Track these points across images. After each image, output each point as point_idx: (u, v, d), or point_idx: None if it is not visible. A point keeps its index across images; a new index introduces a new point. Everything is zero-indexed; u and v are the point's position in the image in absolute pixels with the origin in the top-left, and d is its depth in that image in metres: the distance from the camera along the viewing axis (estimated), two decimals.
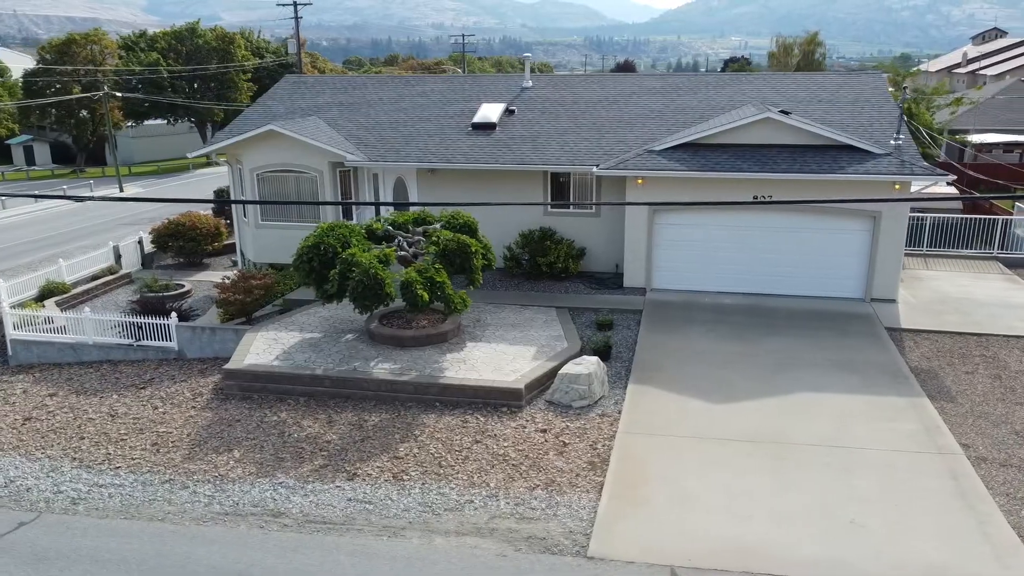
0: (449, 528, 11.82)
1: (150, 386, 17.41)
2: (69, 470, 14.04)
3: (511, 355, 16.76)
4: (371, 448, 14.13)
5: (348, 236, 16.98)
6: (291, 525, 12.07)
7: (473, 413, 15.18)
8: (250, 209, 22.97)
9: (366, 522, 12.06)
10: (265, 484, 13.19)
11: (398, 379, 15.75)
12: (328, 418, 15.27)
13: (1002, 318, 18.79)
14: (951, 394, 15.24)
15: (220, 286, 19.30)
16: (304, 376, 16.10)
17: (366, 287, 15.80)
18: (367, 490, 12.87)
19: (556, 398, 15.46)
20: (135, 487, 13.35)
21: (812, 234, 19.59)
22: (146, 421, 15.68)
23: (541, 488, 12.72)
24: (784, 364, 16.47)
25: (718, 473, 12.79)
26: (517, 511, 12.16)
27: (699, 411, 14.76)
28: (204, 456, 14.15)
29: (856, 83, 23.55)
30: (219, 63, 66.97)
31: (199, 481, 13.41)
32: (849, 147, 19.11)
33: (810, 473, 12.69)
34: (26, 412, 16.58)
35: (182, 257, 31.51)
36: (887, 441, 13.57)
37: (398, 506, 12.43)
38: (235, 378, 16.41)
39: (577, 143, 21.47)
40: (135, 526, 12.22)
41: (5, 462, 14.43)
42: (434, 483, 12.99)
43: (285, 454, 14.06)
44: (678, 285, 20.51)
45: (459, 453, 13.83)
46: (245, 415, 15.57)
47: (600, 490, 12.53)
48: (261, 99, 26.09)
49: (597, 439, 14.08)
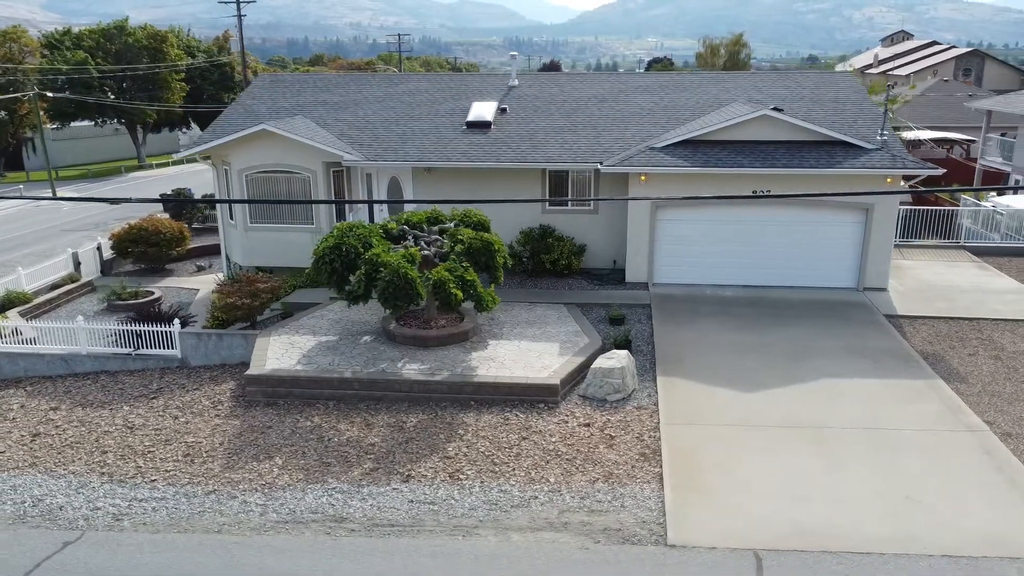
0: (522, 524, 11.84)
1: (161, 396, 16.77)
2: (99, 486, 13.42)
3: (536, 352, 16.84)
4: (418, 449, 13.99)
5: (368, 236, 16.73)
6: (358, 530, 11.87)
7: (511, 410, 15.19)
8: (238, 211, 22.33)
9: (435, 523, 11.96)
10: (318, 490, 12.91)
11: (431, 379, 15.63)
12: (364, 421, 15.04)
13: (985, 303, 19.90)
14: (961, 375, 16.08)
15: (221, 290, 18.72)
16: (332, 379, 15.80)
17: (397, 287, 15.61)
18: (426, 491, 12.76)
19: (590, 392, 15.62)
20: (178, 499, 12.87)
21: (808, 227, 20.32)
22: (169, 432, 15.11)
23: (601, 481, 12.85)
24: (800, 352, 17.06)
25: (767, 459, 13.18)
26: (584, 504, 12.26)
27: (732, 400, 15.16)
28: (244, 465, 13.74)
29: (833, 82, 24.53)
30: (150, 62, 64.57)
31: (246, 490, 13.02)
32: (842, 143, 19.91)
33: (854, 455, 13.21)
34: (31, 428, 15.74)
35: (144, 263, 30.45)
36: (916, 421, 14.24)
37: (463, 505, 12.37)
38: (258, 384, 15.97)
39: (576, 140, 21.68)
40: (192, 539, 11.80)
41: (27, 480, 13.69)
42: (492, 481, 12.97)
43: (330, 459, 13.78)
44: (679, 279, 20.96)
45: (509, 450, 13.84)
46: (276, 421, 15.18)
47: (659, 480, 12.75)
48: (240, 98, 25.37)
49: (642, 431, 14.30)
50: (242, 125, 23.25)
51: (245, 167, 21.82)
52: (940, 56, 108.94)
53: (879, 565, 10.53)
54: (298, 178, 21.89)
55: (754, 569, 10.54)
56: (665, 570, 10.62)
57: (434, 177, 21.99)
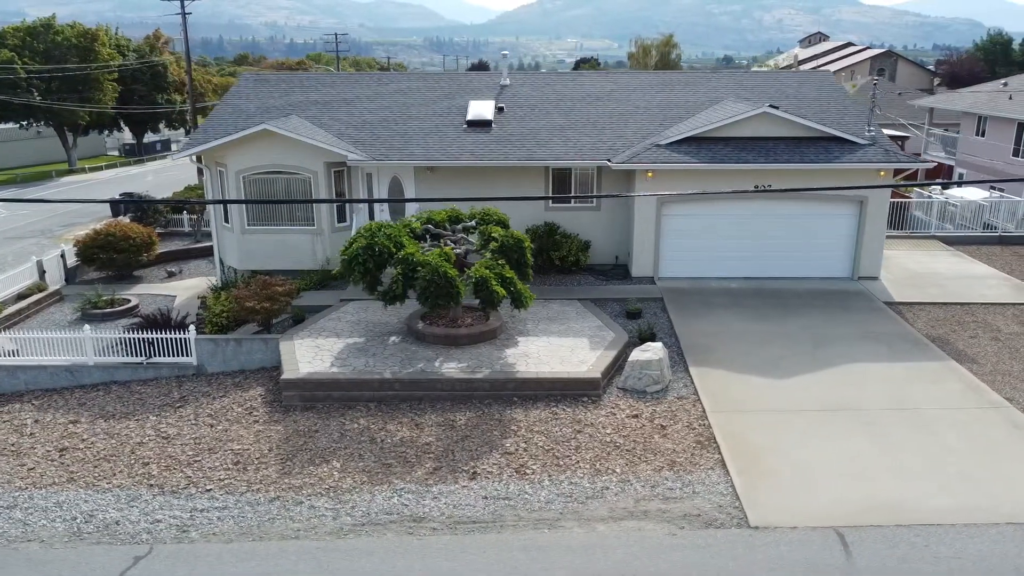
0: (602, 515, 12.03)
1: (187, 404, 16.27)
2: (151, 498, 12.98)
3: (568, 347, 17.04)
4: (475, 447, 14.01)
5: (398, 236, 16.62)
6: (440, 529, 11.85)
7: (556, 405, 15.36)
8: (235, 214, 21.77)
9: (516, 517, 12.04)
10: (386, 491, 12.81)
11: (473, 377, 15.66)
12: (412, 421, 14.95)
13: (972, 288, 21.09)
14: (970, 356, 17.04)
15: (239, 294, 18.25)
16: (373, 381, 15.64)
17: (439, 287, 15.58)
18: (497, 487, 12.81)
19: (629, 384, 15.92)
20: (242, 507, 12.57)
21: (805, 220, 21.12)
22: (210, 440, 14.70)
23: (666, 469, 13.16)
24: (818, 339, 17.76)
25: (818, 441, 13.73)
26: (656, 493, 12.54)
27: (767, 387, 15.70)
28: (302, 470, 13.50)
29: (815, 81, 25.54)
30: (80, 62, 61.86)
31: (311, 495, 12.81)
32: (836, 138, 20.78)
33: (897, 434, 13.89)
34: (55, 443, 15.06)
35: (111, 270, 29.40)
36: (943, 401, 15.05)
37: (538, 499, 12.48)
38: (296, 388, 15.68)
39: (579, 138, 21.97)
40: (270, 547, 11.57)
41: (70, 496, 13.13)
42: (560, 474, 13.12)
43: (390, 460, 13.68)
44: (684, 273, 21.48)
45: (567, 444, 14.01)
46: (321, 425, 14.95)
47: (722, 466, 13.14)
48: (226, 98, 24.69)
49: (690, 420, 14.68)
50: (235, 125, 22.69)
51: (243, 168, 21.30)
52: (856, 57, 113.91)
53: (953, 535, 11.15)
54: (298, 179, 21.49)
55: (840, 545, 11.01)
56: (756, 551, 10.98)
57: (437, 176, 21.93)
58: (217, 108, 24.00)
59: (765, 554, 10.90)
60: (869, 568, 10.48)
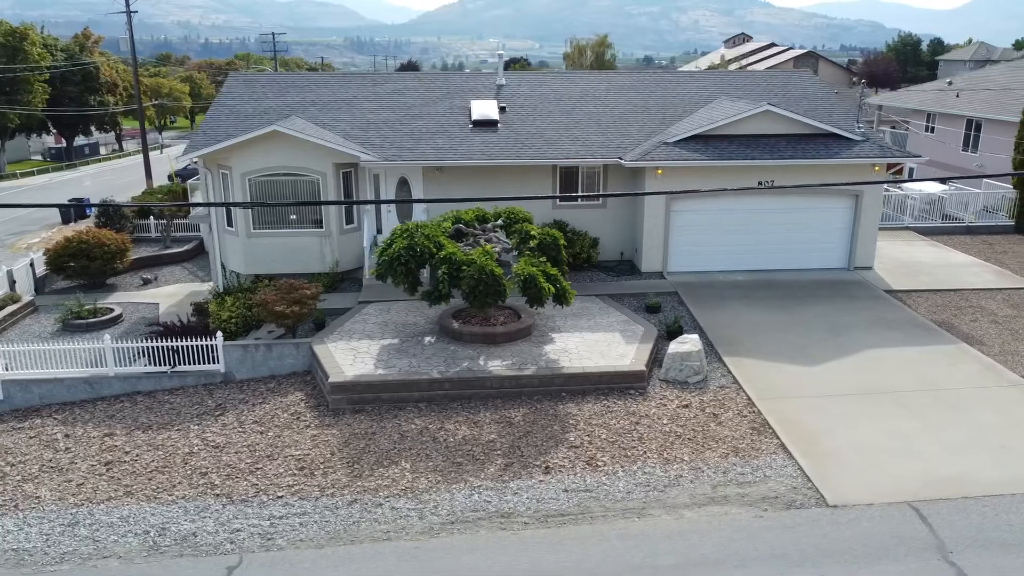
0: (685, 502, 12.39)
1: (226, 413, 15.92)
2: (221, 508, 12.71)
3: (603, 341, 17.36)
4: (539, 442, 14.18)
5: (436, 236, 16.63)
6: (531, 523, 12.00)
7: (605, 398, 15.66)
8: (239, 217, 21.30)
9: (603, 508, 12.29)
10: (464, 490, 12.87)
11: (522, 374, 15.82)
12: (468, 419, 15.02)
13: (957, 275, 22.35)
14: (977, 339, 18.11)
15: (266, 298, 17.90)
16: (422, 381, 15.63)
17: (487, 285, 15.67)
18: (573, 480, 13.03)
19: (671, 376, 16.35)
20: (322, 512, 12.43)
21: (805, 213, 22.00)
22: (264, 447, 14.44)
23: (732, 455, 13.61)
24: (834, 327, 18.56)
25: (864, 422, 14.43)
26: (729, 478, 12.97)
27: (801, 374, 16.36)
28: (371, 472, 13.42)
29: (798, 80, 26.55)
30: (8, 62, 58.96)
31: (388, 497, 12.77)
32: (833, 135, 21.70)
33: (935, 413, 14.70)
34: (96, 456, 14.55)
35: (84, 279, 28.42)
36: (965, 381, 15.99)
37: (617, 489, 12.75)
38: (344, 391, 15.53)
39: (586, 137, 22.32)
40: (365, 549, 11.51)
41: (135, 510, 12.74)
42: (631, 464, 13.42)
43: (459, 459, 13.73)
44: (691, 267, 22.08)
45: (629, 435, 14.33)
46: (377, 427, 14.86)
47: (783, 450, 13.68)
48: (219, 100, 24.07)
49: (739, 408, 15.19)
50: (234, 127, 22.21)
51: (249, 170, 20.86)
52: (780, 56, 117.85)
53: (1017, 504, 11.93)
54: (306, 181, 21.17)
55: (918, 519, 11.65)
56: (842, 528, 11.52)
57: (445, 176, 21.94)
58: (212, 111, 23.40)
59: (852, 531, 11.44)
60: (953, 539, 11.13)
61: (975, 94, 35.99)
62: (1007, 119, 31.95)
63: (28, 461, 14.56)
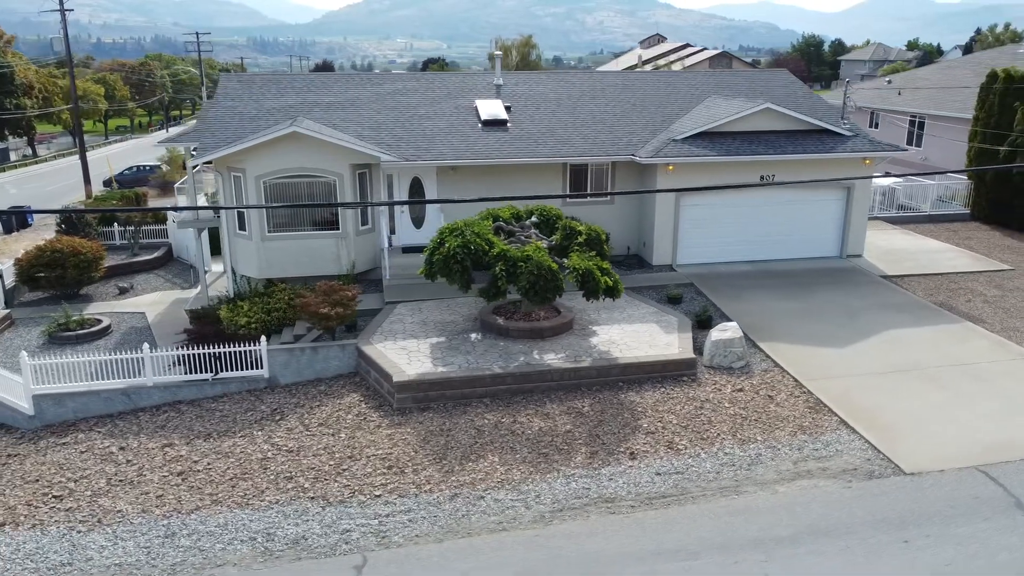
0: (772, 478, 13.09)
1: (286, 418, 15.74)
2: (320, 510, 12.67)
3: (644, 332, 17.97)
4: (615, 429, 14.65)
5: (484, 234, 16.87)
6: (637, 506, 12.47)
7: (661, 385, 16.25)
8: (254, 220, 20.91)
9: (699, 488, 12.86)
10: (559, 479, 13.21)
11: (580, 366, 16.25)
12: (537, 412, 15.34)
13: (938, 260, 24.00)
14: (977, 318, 19.57)
15: (306, 302, 17.70)
16: (485, 377, 15.86)
17: (546, 280, 16.01)
18: (662, 463, 13.56)
19: (716, 362, 17.10)
20: (427, 508, 12.56)
21: (802, 206, 23.19)
22: (343, 448, 14.40)
23: (801, 433, 14.42)
24: (848, 311, 19.70)
25: (908, 397, 15.49)
26: (805, 454, 13.76)
27: (833, 355, 17.37)
28: (462, 467, 13.60)
29: (778, 78, 27.86)
30: None
31: (487, 490, 13.00)
32: (827, 131, 22.97)
33: (965, 386, 15.91)
34: (163, 467, 14.20)
35: (57, 289, 27.37)
36: (981, 355, 17.33)
37: (706, 470, 13.36)
38: (409, 390, 15.59)
39: (596, 135, 22.88)
40: (489, 540, 11.74)
41: (231, 517, 12.56)
42: (709, 446, 14.05)
43: (546, 450, 14.05)
44: (698, 259, 22.95)
45: (698, 419, 14.96)
46: (450, 423, 15.01)
47: (845, 426, 14.57)
48: (217, 101, 23.47)
49: (790, 389, 16.04)
50: (240, 128, 21.80)
51: (264, 172, 20.52)
52: (696, 57, 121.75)
53: None
54: (322, 182, 20.97)
55: (989, 480, 12.70)
56: (926, 492, 12.45)
57: (458, 175, 22.12)
58: (212, 111, 22.83)
59: (935, 495, 12.38)
60: None
61: (916, 92, 38.42)
62: (950, 115, 34.29)
63: (91, 476, 14.08)
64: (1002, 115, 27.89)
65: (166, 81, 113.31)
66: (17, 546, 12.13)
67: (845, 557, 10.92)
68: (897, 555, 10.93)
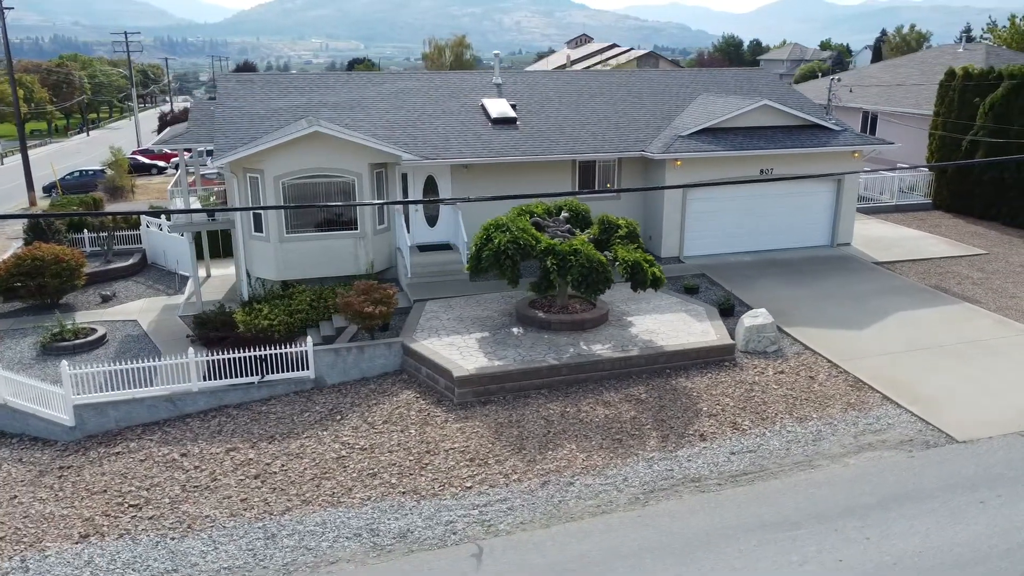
0: (838, 452, 13.89)
1: (347, 417, 15.73)
2: (416, 504, 12.82)
3: (677, 321, 18.62)
4: (678, 414, 15.22)
5: (528, 229, 17.20)
6: (723, 483, 13.06)
7: (706, 370, 16.92)
8: (272, 222, 20.65)
9: (776, 465, 13.54)
10: (639, 463, 13.69)
11: (629, 355, 16.77)
12: (597, 400, 15.78)
13: (919, 247, 25.52)
14: (973, 298, 20.97)
15: (350, 300, 17.65)
16: (542, 369, 16.20)
17: (598, 273, 16.45)
18: (733, 443, 14.20)
19: (751, 347, 17.89)
20: (522, 497, 12.85)
21: (796, 198, 24.32)
22: (417, 444, 14.52)
23: (851, 409, 15.29)
24: (855, 296, 20.82)
25: (937, 372, 16.59)
26: (861, 428, 14.62)
27: (856, 337, 18.39)
28: (544, 456, 13.92)
29: (761, 77, 29.01)
30: None
31: (575, 476, 13.37)
32: (818, 126, 24.16)
33: (986, 360, 17.12)
34: (237, 471, 14.04)
35: (37, 299, 26.39)
36: (988, 332, 18.63)
37: (773, 446, 14.06)
38: (469, 384, 15.80)
39: (604, 132, 23.44)
40: (595, 523, 12.11)
41: (328, 516, 12.57)
42: (771, 425, 14.77)
43: (618, 435, 14.51)
44: (703, 251, 23.79)
45: (753, 400, 15.68)
46: (517, 415, 15.29)
47: (889, 401, 15.53)
48: (221, 102, 22.99)
49: (827, 370, 16.93)
50: (252, 129, 21.49)
51: (283, 173, 20.30)
52: (624, 56, 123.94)
53: None
54: (341, 182, 20.88)
55: None
56: (983, 457, 13.45)
57: (471, 173, 22.34)
58: (219, 113, 22.39)
59: (993, 459, 13.39)
60: None
61: (867, 89, 40.50)
62: (904, 111, 36.32)
63: (162, 483, 13.81)
64: (962, 109, 29.77)
65: (85, 83, 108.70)
66: (112, 556, 11.86)
67: (933, 519, 11.75)
68: (978, 514, 11.83)
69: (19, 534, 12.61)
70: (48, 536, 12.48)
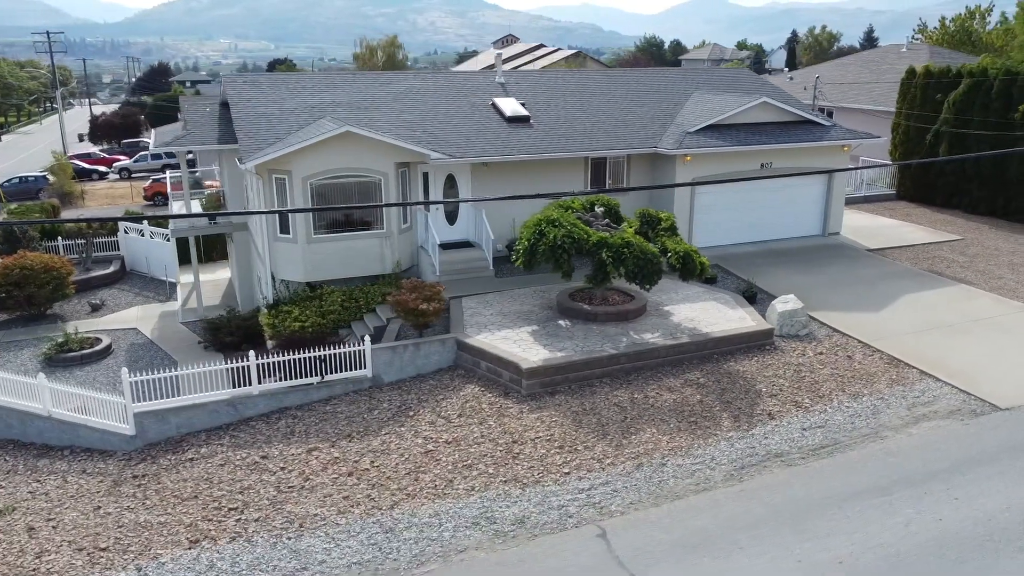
0: (898, 424, 14.91)
1: (418, 413, 15.90)
2: (522, 491, 13.18)
3: (712, 309, 19.44)
4: (740, 395, 16.00)
5: (577, 223, 17.70)
6: (807, 456, 13.89)
7: (748, 355, 17.77)
8: (300, 224, 20.50)
9: (847, 437, 14.45)
10: (719, 442, 14.39)
11: (680, 342, 17.48)
12: (660, 386, 16.40)
13: (900, 234, 27.17)
14: (968, 280, 22.54)
15: (401, 299, 17.76)
16: (602, 358, 16.73)
17: (652, 265, 17.09)
18: (800, 419, 15.05)
19: (785, 331, 18.86)
20: (620, 480, 13.36)
21: (791, 190, 25.57)
22: (499, 436, 14.84)
23: (896, 384, 16.38)
24: (861, 281, 22.12)
25: (960, 348, 17.89)
26: (910, 401, 15.71)
27: (877, 319, 19.60)
28: (628, 440, 14.45)
29: (743, 75, 30.23)
30: None
31: (665, 457, 13.95)
32: (811, 121, 25.48)
33: (994, 335, 18.55)
34: (325, 471, 14.08)
35: (25, 309, 25.61)
36: (991, 311, 20.14)
37: (838, 421, 15.00)
38: (536, 375, 16.18)
39: (614, 129, 24.10)
40: (700, 500, 12.71)
41: (438, 508, 12.80)
42: (828, 402, 15.71)
43: (692, 418, 15.17)
44: (709, 242, 24.65)
45: (804, 380, 16.61)
46: (588, 403, 15.77)
47: (926, 375, 16.70)
48: (234, 104, 22.57)
49: (862, 349, 18.02)
50: (272, 129, 21.29)
51: (311, 174, 20.19)
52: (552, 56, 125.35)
53: None
54: (368, 182, 20.89)
55: None
56: None
57: (490, 172, 22.66)
58: (236, 114, 22.03)
59: None
60: None
61: (822, 86, 42.57)
62: (861, 107, 38.39)
63: (252, 486, 13.73)
64: (924, 105, 31.77)
65: None
66: (232, 559, 11.80)
67: (1005, 479, 12.83)
68: None
69: (121, 544, 12.38)
70: (155, 544, 12.28)
